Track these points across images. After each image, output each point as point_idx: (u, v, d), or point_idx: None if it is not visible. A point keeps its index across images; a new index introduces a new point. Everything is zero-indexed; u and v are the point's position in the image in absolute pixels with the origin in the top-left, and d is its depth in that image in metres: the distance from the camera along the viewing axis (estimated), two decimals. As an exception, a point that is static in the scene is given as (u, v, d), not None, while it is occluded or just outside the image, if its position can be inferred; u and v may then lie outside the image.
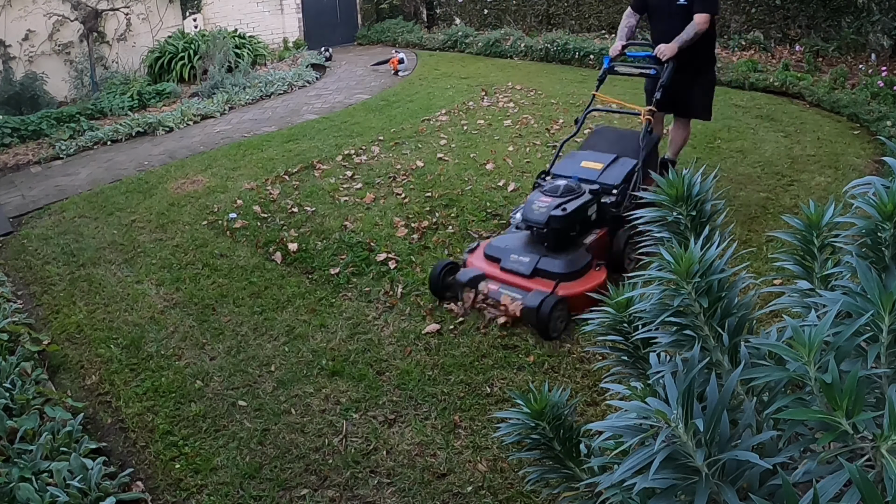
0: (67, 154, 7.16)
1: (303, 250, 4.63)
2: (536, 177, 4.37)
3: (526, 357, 3.42)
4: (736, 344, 1.31)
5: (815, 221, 1.45)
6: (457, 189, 5.43)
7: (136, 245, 4.94)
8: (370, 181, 5.76)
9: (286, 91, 9.27)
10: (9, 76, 8.54)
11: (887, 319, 1.08)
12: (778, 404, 1.09)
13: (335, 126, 7.43)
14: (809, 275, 1.47)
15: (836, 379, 0.97)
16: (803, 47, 8.73)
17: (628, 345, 1.62)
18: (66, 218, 5.54)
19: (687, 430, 1.07)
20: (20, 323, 3.87)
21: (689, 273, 1.26)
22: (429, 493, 2.66)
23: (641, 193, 1.65)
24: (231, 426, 3.08)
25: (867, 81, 7.16)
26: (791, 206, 4.81)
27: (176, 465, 2.87)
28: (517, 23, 11.74)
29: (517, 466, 2.69)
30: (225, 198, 5.64)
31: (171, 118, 7.94)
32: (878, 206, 1.20)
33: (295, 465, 2.84)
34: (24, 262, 4.86)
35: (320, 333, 3.73)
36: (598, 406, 3.01)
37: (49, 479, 2.61)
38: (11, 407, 3.03)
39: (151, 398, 3.29)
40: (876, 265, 1.22)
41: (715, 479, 1.08)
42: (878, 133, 6.06)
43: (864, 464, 0.97)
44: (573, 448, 1.62)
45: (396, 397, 3.21)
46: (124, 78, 9.30)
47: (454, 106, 7.89)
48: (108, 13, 9.60)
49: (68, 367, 3.62)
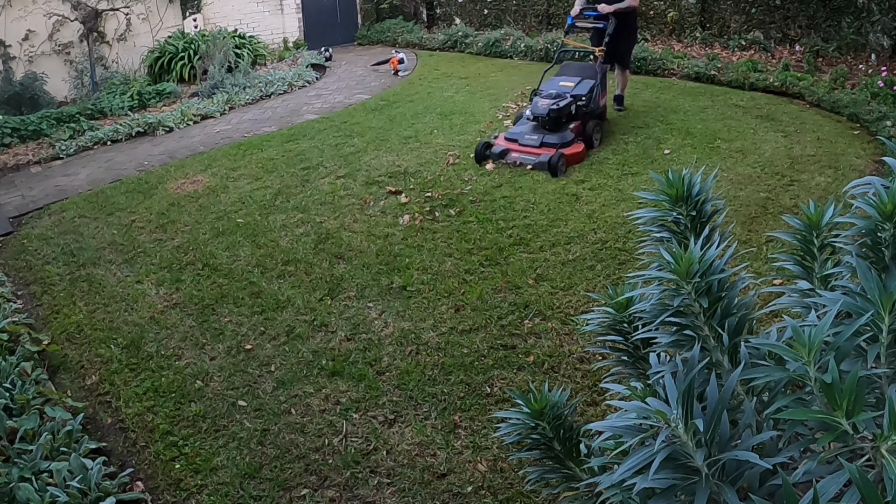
0: (67, 154, 7.16)
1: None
2: (531, 94, 6.56)
3: (526, 357, 3.42)
4: (736, 344, 1.31)
5: (815, 221, 1.45)
6: (457, 189, 5.44)
7: (136, 245, 4.94)
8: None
9: (286, 91, 9.27)
10: (9, 76, 8.53)
11: (887, 319, 1.08)
12: (778, 404, 1.09)
13: (335, 126, 7.43)
14: (809, 275, 1.47)
15: (836, 379, 0.97)
16: (803, 47, 8.73)
17: (628, 345, 1.62)
18: (66, 218, 5.54)
19: (687, 430, 1.07)
20: (20, 323, 3.87)
21: (689, 273, 1.26)
22: (429, 493, 2.66)
23: (599, 101, 5.81)
24: (231, 426, 3.08)
25: (867, 81, 7.16)
26: (791, 206, 4.81)
27: (176, 465, 2.87)
28: (517, 23, 11.73)
29: (517, 466, 2.69)
30: (226, 198, 5.64)
31: (171, 118, 7.94)
32: (878, 206, 1.20)
33: (295, 465, 2.84)
34: (24, 262, 4.86)
35: (320, 333, 3.73)
36: (598, 406, 3.01)
37: (49, 479, 2.61)
38: (11, 407, 3.03)
39: (151, 398, 3.29)
40: (876, 265, 1.22)
41: (715, 479, 1.08)
42: (878, 133, 6.06)
43: (864, 464, 0.97)
44: (573, 448, 1.62)
45: (396, 397, 3.21)
46: (124, 78, 9.30)
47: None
48: (108, 13, 9.59)
49: (68, 367, 3.62)
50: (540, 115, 5.85)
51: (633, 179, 5.46)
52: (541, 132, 5.87)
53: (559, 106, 5.79)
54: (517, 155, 5.80)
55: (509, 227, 4.79)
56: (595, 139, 6.10)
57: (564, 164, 5.63)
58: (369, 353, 3.54)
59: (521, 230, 4.72)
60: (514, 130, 6.07)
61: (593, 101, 6.14)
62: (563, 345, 3.49)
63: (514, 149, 5.87)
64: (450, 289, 4.07)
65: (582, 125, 6.05)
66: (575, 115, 6.01)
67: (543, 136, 5.81)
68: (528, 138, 5.88)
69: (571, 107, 5.95)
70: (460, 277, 4.19)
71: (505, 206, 5.11)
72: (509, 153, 5.86)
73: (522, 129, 6.02)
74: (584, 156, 5.87)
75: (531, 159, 5.72)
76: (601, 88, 6.38)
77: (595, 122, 6.13)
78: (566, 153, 5.70)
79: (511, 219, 4.90)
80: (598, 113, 6.32)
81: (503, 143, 5.95)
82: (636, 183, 5.36)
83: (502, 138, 6.03)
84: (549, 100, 5.89)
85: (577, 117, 6.02)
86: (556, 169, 5.52)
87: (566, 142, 5.80)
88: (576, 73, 6.43)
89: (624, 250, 4.36)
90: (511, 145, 5.90)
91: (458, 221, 4.91)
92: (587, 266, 4.23)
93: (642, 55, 9.04)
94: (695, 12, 9.93)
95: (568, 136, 5.86)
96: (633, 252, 4.25)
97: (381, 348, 3.57)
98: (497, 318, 3.75)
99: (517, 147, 5.87)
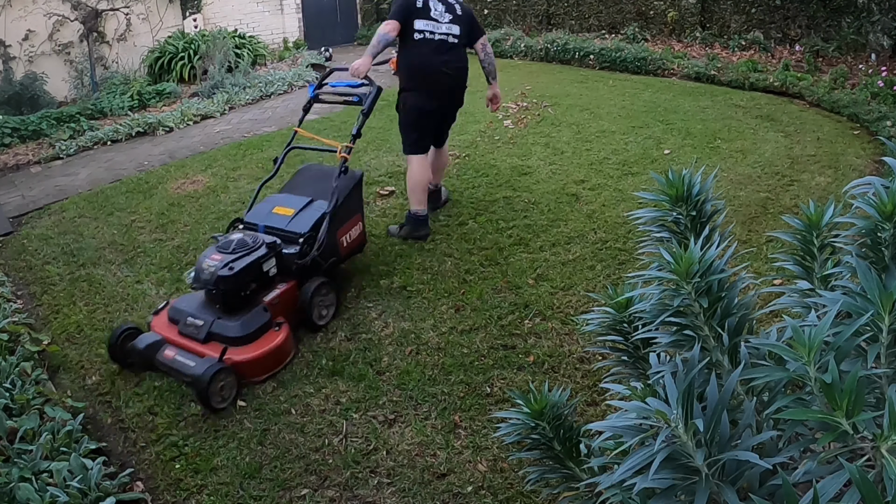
0: (67, 154, 7.15)
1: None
2: (229, 224, 4.03)
3: (526, 357, 3.42)
4: (736, 344, 1.31)
5: (815, 221, 1.45)
6: (457, 189, 5.43)
7: (137, 245, 4.94)
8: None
9: (286, 91, 9.27)
10: (9, 76, 8.53)
11: (887, 319, 1.08)
12: (778, 404, 1.09)
13: (335, 126, 7.43)
14: (809, 275, 1.47)
15: (836, 379, 0.97)
16: (803, 47, 8.73)
17: (628, 345, 1.62)
18: (66, 218, 5.54)
19: (687, 430, 1.07)
20: (20, 323, 3.87)
21: (689, 273, 1.26)
22: (429, 493, 2.66)
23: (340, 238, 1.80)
24: (231, 426, 3.08)
25: (867, 81, 7.16)
26: (791, 206, 4.81)
27: (176, 465, 2.87)
28: (517, 23, 11.73)
29: (517, 466, 2.69)
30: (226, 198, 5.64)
31: (171, 118, 7.94)
32: (878, 206, 1.20)
33: (295, 465, 2.84)
34: (24, 262, 4.86)
35: (320, 333, 3.73)
36: (598, 406, 3.01)
37: (49, 479, 2.61)
38: (11, 407, 3.03)
39: (151, 398, 3.29)
40: (876, 265, 1.22)
41: (715, 479, 1.08)
42: (878, 133, 6.06)
43: (864, 464, 0.97)
44: (573, 448, 1.62)
45: (396, 397, 3.21)
46: (124, 78, 9.30)
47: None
48: (108, 13, 9.60)
49: (68, 367, 3.62)
50: (205, 285, 3.38)
51: (633, 179, 5.46)
52: (213, 311, 3.40)
53: (233, 270, 3.33)
54: (172, 353, 3.28)
55: (509, 227, 4.79)
56: (321, 312, 3.72)
57: (232, 383, 3.16)
58: (369, 352, 3.54)
59: (521, 230, 4.72)
60: (181, 302, 3.57)
61: (323, 241, 3.75)
62: (563, 345, 3.49)
63: (172, 339, 3.37)
64: (450, 289, 4.07)
65: (298, 287, 3.65)
66: (281, 274, 3.60)
67: (214, 321, 3.34)
68: (190, 323, 3.38)
69: (265, 263, 3.49)
70: (460, 277, 4.19)
71: (505, 206, 5.11)
72: (163, 348, 3.31)
73: (193, 300, 3.53)
74: (277, 359, 3.35)
75: (187, 366, 3.17)
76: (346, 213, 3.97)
77: (321, 281, 3.68)
78: (240, 358, 3.23)
79: (511, 219, 4.90)
80: (332, 261, 3.89)
81: (161, 328, 3.46)
82: (636, 183, 5.36)
83: (164, 317, 3.54)
84: (223, 254, 3.41)
85: (289, 274, 3.64)
86: (206, 395, 3.04)
87: (247, 333, 3.31)
88: (308, 189, 4.06)
89: (624, 250, 4.36)
90: (170, 331, 3.43)
91: (458, 221, 4.91)
92: (587, 266, 4.23)
93: (642, 55, 9.05)
94: (695, 12, 9.94)
95: (255, 321, 3.36)
96: (633, 252, 4.25)
97: (381, 348, 3.57)
98: (497, 318, 3.76)
99: (176, 337, 3.38)
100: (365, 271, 4.33)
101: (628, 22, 10.45)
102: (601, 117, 7.10)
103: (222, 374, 3.10)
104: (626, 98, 7.78)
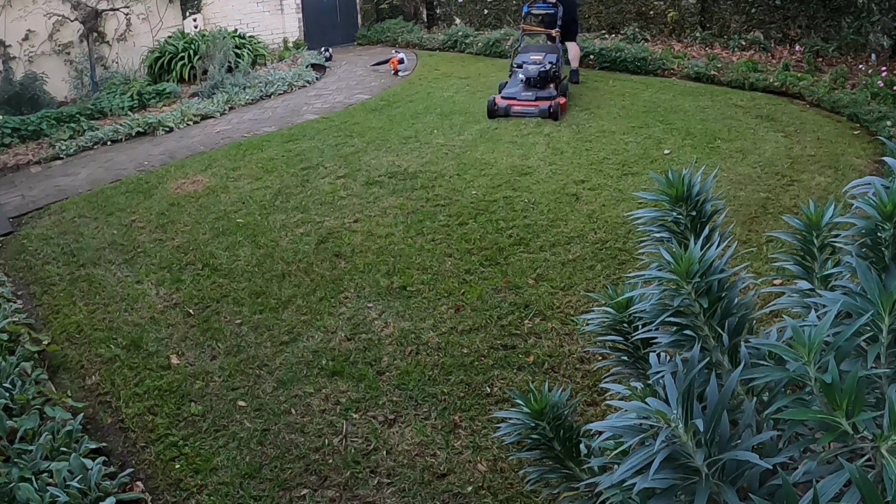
0: (67, 154, 7.15)
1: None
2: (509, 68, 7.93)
3: (526, 357, 3.42)
4: (736, 344, 1.31)
5: (815, 221, 1.45)
6: (457, 188, 5.44)
7: (136, 245, 4.94)
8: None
9: (286, 91, 9.27)
10: (9, 76, 8.53)
11: (887, 319, 1.08)
12: (778, 404, 1.09)
13: (335, 126, 7.43)
14: (809, 275, 1.47)
15: (836, 379, 0.97)
16: (803, 47, 8.73)
17: (628, 345, 1.62)
18: (66, 218, 5.54)
19: (687, 430, 1.07)
20: (20, 323, 3.87)
21: (689, 273, 1.26)
22: (429, 493, 2.66)
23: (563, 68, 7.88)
24: (231, 426, 3.08)
25: (867, 81, 7.16)
26: (791, 206, 4.81)
27: (176, 465, 2.87)
28: (517, 23, 11.72)
29: (517, 466, 2.69)
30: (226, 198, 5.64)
31: (171, 118, 7.94)
32: (878, 206, 1.20)
33: (295, 465, 2.84)
34: (24, 262, 4.86)
35: (320, 333, 3.73)
36: (598, 406, 3.01)
37: (49, 479, 2.61)
38: (11, 407, 3.03)
39: (151, 398, 3.29)
40: (876, 265, 1.22)
41: (715, 479, 1.08)
42: (878, 133, 6.06)
43: (864, 464, 0.97)
44: (573, 448, 1.62)
45: (396, 397, 3.21)
46: (124, 78, 9.29)
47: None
48: (108, 13, 9.59)
49: (68, 367, 3.62)
50: (532, 77, 7.37)
51: (633, 179, 5.46)
52: (532, 90, 7.32)
53: (545, 69, 7.35)
54: (519, 108, 7.21)
55: (509, 227, 4.79)
56: (568, 95, 7.76)
57: (560, 110, 7.10)
58: (369, 353, 3.54)
59: (521, 230, 4.72)
60: (506, 93, 7.43)
61: (560, 68, 7.76)
62: (563, 345, 3.49)
63: (514, 104, 7.26)
64: (450, 289, 4.07)
65: (556, 85, 7.58)
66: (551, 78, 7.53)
67: (537, 93, 7.30)
68: (524, 95, 7.33)
69: (551, 70, 7.47)
70: (460, 277, 4.19)
71: (505, 206, 5.11)
72: (512, 108, 7.26)
73: (514, 90, 7.42)
74: (566, 106, 7.40)
75: (532, 111, 7.14)
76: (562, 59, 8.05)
77: (563, 83, 7.78)
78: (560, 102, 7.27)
79: (511, 219, 4.90)
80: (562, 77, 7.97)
81: (503, 102, 7.31)
82: (636, 183, 5.36)
83: (500, 98, 7.38)
84: (536, 65, 7.40)
85: (553, 80, 7.52)
86: (556, 114, 7.01)
87: (555, 95, 7.30)
88: (540, 51, 7.99)
89: (624, 250, 4.36)
90: (510, 102, 7.31)
91: (458, 221, 4.91)
92: (587, 266, 4.23)
93: (642, 55, 9.05)
94: (695, 12, 9.93)
95: (553, 91, 7.35)
96: (633, 252, 4.25)
97: (381, 348, 3.57)
98: (497, 318, 3.75)
99: (517, 103, 7.26)
100: (365, 271, 4.33)
101: (628, 22, 10.44)
102: (601, 117, 7.11)
103: (555, 105, 7.09)
104: (626, 98, 7.78)
